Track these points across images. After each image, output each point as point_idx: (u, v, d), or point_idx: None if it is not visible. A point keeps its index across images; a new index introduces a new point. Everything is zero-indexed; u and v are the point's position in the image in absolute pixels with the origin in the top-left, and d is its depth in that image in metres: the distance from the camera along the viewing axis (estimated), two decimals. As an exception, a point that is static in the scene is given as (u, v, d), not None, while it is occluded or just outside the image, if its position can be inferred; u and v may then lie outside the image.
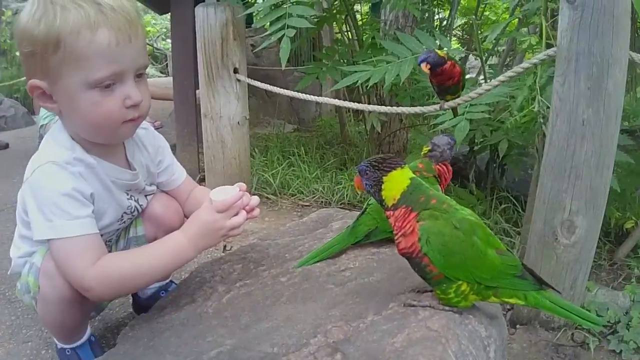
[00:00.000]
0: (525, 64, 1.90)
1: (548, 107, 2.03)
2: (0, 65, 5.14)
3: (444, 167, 1.73)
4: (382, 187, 1.20)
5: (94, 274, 1.29)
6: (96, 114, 1.31)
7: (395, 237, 1.20)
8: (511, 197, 2.94)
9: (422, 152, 1.75)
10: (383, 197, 1.21)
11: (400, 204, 1.18)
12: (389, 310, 1.24)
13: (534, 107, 2.17)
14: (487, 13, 5.23)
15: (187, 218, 1.71)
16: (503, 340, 1.27)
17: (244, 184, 1.49)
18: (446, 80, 1.94)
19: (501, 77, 1.92)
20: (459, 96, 2.06)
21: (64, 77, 1.26)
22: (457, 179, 3.32)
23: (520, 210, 2.85)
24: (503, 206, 2.91)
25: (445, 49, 2.58)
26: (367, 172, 1.22)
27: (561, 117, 1.70)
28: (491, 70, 3.39)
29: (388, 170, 1.20)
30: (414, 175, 1.21)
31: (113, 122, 1.34)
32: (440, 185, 1.70)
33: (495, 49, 4.27)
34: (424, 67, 1.85)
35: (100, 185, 1.44)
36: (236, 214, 1.43)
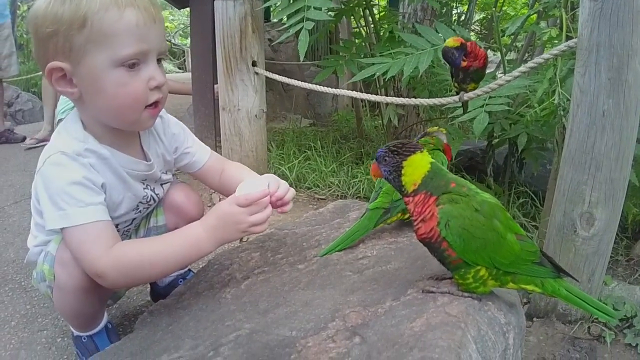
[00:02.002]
0: (545, 55, 1.88)
1: (568, 100, 2.02)
2: (17, 59, 5.21)
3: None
4: (402, 172, 1.17)
5: (108, 259, 1.28)
6: (122, 94, 1.30)
7: (415, 223, 1.17)
8: (529, 192, 2.93)
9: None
10: (403, 183, 1.18)
11: (420, 189, 1.16)
12: (407, 296, 1.24)
13: (554, 100, 2.16)
14: (505, 8, 5.19)
15: (223, 191, 1.71)
16: (521, 329, 1.27)
17: (279, 185, 1.45)
18: (472, 62, 1.94)
19: (522, 68, 1.91)
20: (477, 87, 2.05)
21: (89, 56, 1.26)
22: (474, 173, 3.31)
23: (539, 205, 2.83)
24: (521, 201, 2.90)
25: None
26: (386, 157, 1.19)
27: (582, 108, 1.68)
28: (510, 66, 3.37)
29: (408, 154, 1.17)
30: (433, 160, 1.19)
31: (137, 104, 1.34)
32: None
33: (514, 44, 4.24)
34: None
35: (114, 176, 1.44)
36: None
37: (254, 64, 3.08)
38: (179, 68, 15.68)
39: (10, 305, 2.07)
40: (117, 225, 1.44)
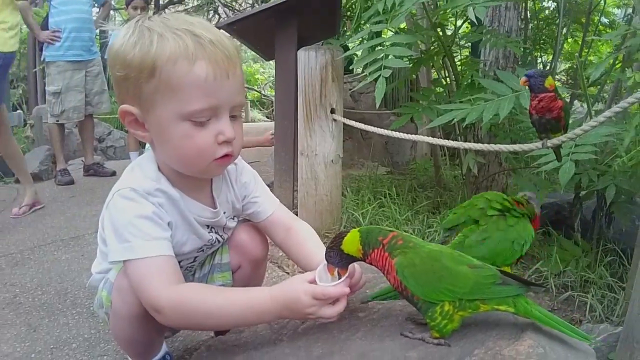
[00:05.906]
0: (637, 95, 1.73)
1: (659, 148, 1.88)
2: (110, 98, 5.41)
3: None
4: (347, 253, 1.33)
5: (170, 295, 1.26)
6: (188, 147, 1.29)
7: (387, 278, 1.32)
8: (618, 250, 2.71)
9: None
10: (355, 256, 1.33)
11: (366, 249, 1.32)
12: (474, 357, 1.14)
13: (643, 149, 2.02)
14: (591, 58, 5.00)
15: (286, 252, 1.70)
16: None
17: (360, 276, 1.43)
18: (544, 112, 1.82)
19: (607, 113, 1.78)
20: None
21: (158, 106, 1.26)
22: (561, 227, 3.12)
23: (627, 264, 2.61)
24: (608, 259, 2.69)
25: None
26: (331, 255, 1.34)
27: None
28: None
29: (340, 241, 1.34)
30: (359, 228, 1.36)
31: (204, 157, 1.32)
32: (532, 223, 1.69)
33: (600, 94, 4.05)
34: (522, 82, 1.81)
35: (180, 218, 1.43)
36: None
37: (332, 111, 3.14)
38: (267, 117, 16.32)
39: (75, 327, 2.11)
40: (179, 262, 1.43)
